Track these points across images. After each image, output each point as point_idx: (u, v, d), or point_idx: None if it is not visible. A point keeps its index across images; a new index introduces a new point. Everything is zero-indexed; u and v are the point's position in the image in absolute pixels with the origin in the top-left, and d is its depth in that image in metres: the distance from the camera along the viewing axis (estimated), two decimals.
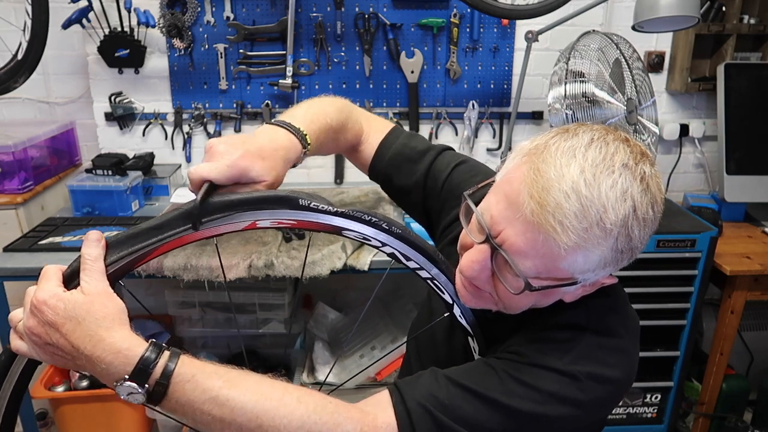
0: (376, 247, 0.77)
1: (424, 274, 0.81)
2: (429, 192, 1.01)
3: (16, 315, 0.67)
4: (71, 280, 0.66)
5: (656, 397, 2.14)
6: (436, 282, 0.82)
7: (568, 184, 0.66)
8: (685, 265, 1.95)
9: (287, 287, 2.22)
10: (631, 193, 0.67)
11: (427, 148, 1.02)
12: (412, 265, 0.79)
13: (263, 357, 2.51)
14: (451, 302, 0.83)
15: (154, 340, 0.65)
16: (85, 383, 2.08)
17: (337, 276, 1.79)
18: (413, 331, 1.14)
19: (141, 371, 0.61)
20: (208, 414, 0.63)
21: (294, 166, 0.83)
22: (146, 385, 0.62)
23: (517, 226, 0.69)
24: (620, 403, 2.13)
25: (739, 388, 2.22)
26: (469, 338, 0.88)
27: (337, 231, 0.74)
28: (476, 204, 0.76)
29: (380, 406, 0.73)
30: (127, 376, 0.61)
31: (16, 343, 0.66)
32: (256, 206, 0.70)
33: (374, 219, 0.75)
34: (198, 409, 0.63)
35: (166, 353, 0.63)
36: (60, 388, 2.09)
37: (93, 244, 0.66)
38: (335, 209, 0.73)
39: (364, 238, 0.76)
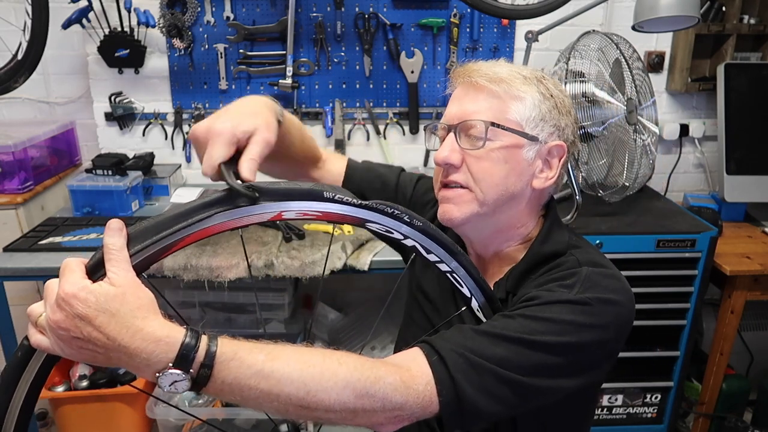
0: (398, 240, 0.78)
1: (443, 267, 0.82)
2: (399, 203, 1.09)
3: (36, 309, 0.63)
4: (95, 271, 0.63)
5: (656, 397, 2.13)
6: (455, 275, 0.83)
7: (493, 62, 0.93)
8: (685, 265, 1.95)
9: (287, 287, 2.22)
10: (536, 70, 0.94)
11: (389, 166, 1.20)
12: (432, 258, 0.81)
13: None
14: (469, 296, 0.85)
15: (188, 325, 0.64)
16: (85, 383, 2.08)
17: (337, 276, 1.79)
18: (404, 329, 1.18)
19: (184, 357, 0.60)
20: (255, 389, 0.63)
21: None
22: (191, 371, 0.61)
23: (463, 99, 0.92)
24: (620, 403, 2.13)
25: (739, 388, 2.22)
26: None
27: (361, 223, 0.76)
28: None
29: (411, 360, 0.75)
30: (171, 364, 0.60)
31: (37, 338, 0.63)
32: (282, 197, 0.71)
33: (396, 212, 0.77)
34: (245, 386, 0.63)
35: (204, 336, 0.63)
36: (60, 388, 2.09)
37: (115, 233, 0.64)
38: (359, 202, 0.74)
39: (387, 230, 0.78)
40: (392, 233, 0.78)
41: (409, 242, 0.79)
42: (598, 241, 1.88)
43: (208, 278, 1.73)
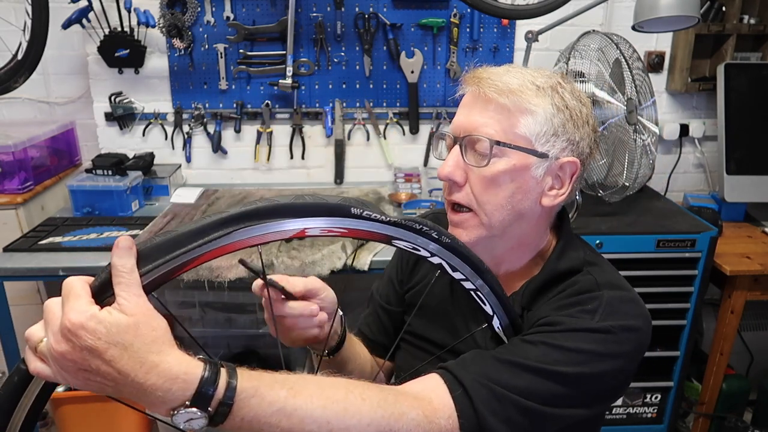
0: (425, 257, 0.76)
1: (468, 285, 0.80)
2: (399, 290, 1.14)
3: (35, 334, 0.57)
4: (102, 293, 0.57)
5: (656, 397, 2.13)
6: (479, 293, 0.81)
7: (506, 68, 0.88)
8: (685, 265, 1.95)
9: None
10: (553, 75, 0.87)
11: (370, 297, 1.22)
12: (457, 276, 0.79)
13: (263, 357, 2.51)
14: (491, 314, 0.84)
15: (201, 356, 0.59)
16: None
17: (337, 276, 1.79)
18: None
19: (202, 395, 0.56)
20: (276, 426, 0.61)
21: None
22: (209, 409, 0.57)
23: (471, 109, 0.86)
24: (620, 403, 2.13)
25: (739, 388, 2.22)
26: None
27: (388, 240, 0.72)
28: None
29: (431, 390, 0.74)
30: (187, 402, 0.56)
31: (37, 366, 0.56)
32: (306, 214, 0.66)
33: (425, 228, 0.73)
34: (265, 423, 0.60)
35: (223, 370, 0.59)
36: (60, 388, 2.09)
37: (125, 253, 0.57)
38: (387, 218, 0.71)
39: (414, 248, 0.74)
40: (419, 250, 0.74)
41: (435, 260, 0.76)
42: (598, 241, 1.88)
43: (208, 278, 1.73)
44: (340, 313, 0.94)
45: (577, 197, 1.86)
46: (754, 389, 2.35)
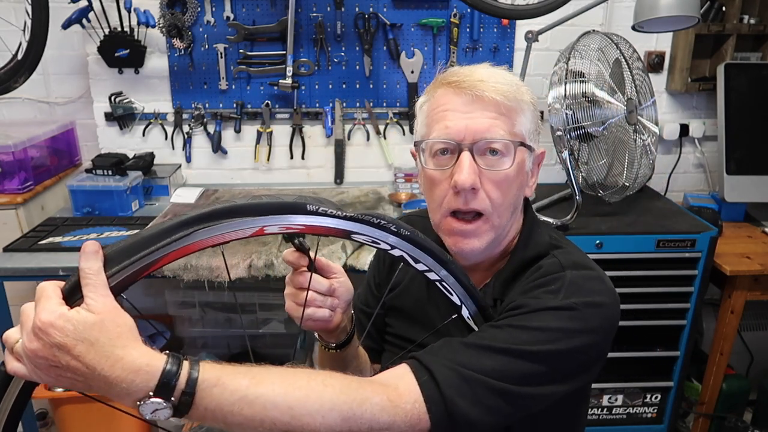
0: (386, 250, 0.77)
1: (432, 276, 0.81)
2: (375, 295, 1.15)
3: (12, 336, 0.61)
4: (72, 295, 0.61)
5: (656, 397, 2.13)
6: (444, 284, 0.82)
7: (483, 69, 0.89)
8: (685, 265, 1.95)
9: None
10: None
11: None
12: (420, 267, 0.80)
13: (263, 357, 2.51)
14: (459, 304, 0.84)
15: (168, 351, 0.62)
16: None
17: None
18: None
19: (165, 385, 0.59)
20: (239, 415, 0.62)
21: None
22: (172, 399, 0.59)
23: (470, 113, 0.85)
24: (620, 403, 2.13)
25: (739, 388, 2.22)
26: None
27: (346, 235, 0.74)
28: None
29: (398, 377, 0.74)
30: (151, 393, 0.59)
31: (13, 365, 0.61)
32: (263, 213, 0.69)
33: (382, 221, 0.75)
34: (228, 412, 0.62)
35: (186, 362, 0.61)
36: (60, 388, 2.09)
37: (92, 257, 0.61)
38: (344, 213, 0.72)
39: (374, 241, 0.76)
40: (379, 244, 0.76)
41: (396, 252, 0.77)
42: (598, 241, 1.88)
43: (208, 278, 1.73)
44: (352, 311, 0.96)
45: (577, 197, 1.86)
46: (754, 389, 2.35)
